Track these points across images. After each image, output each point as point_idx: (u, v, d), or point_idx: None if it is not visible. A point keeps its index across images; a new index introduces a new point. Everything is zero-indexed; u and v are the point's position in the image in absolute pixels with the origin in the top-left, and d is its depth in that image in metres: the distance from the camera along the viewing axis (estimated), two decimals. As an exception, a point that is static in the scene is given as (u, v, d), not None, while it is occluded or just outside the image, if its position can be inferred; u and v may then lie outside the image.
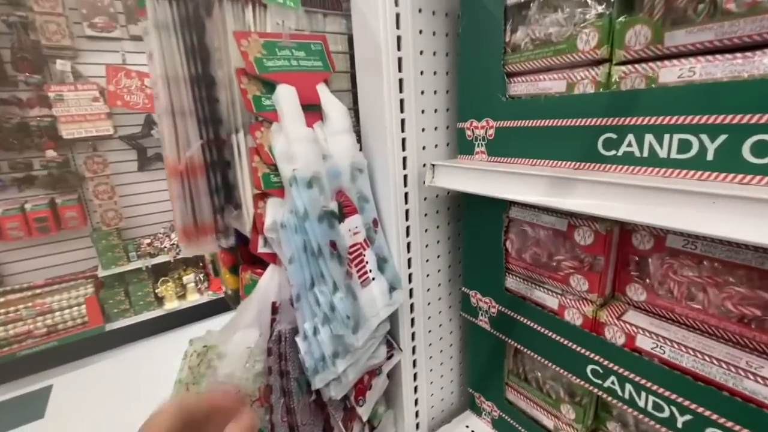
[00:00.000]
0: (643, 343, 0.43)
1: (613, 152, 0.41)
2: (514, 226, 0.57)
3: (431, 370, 0.75)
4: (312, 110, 0.56)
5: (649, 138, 0.38)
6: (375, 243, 0.60)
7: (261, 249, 0.52)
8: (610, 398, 0.48)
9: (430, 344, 0.73)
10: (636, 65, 0.38)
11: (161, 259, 2.75)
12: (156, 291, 2.78)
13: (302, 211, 0.48)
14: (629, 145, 0.39)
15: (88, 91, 2.60)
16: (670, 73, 0.36)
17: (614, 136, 0.40)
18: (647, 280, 0.46)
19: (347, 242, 0.54)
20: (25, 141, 2.54)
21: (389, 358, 0.65)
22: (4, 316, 2.32)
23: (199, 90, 0.50)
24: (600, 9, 0.41)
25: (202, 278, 2.95)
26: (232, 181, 0.55)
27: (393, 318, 0.66)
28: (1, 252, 2.56)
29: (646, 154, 0.38)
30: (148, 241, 2.80)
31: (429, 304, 0.71)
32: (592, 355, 0.48)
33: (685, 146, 0.35)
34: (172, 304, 2.77)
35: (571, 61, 0.44)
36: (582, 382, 0.50)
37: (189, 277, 2.87)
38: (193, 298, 2.86)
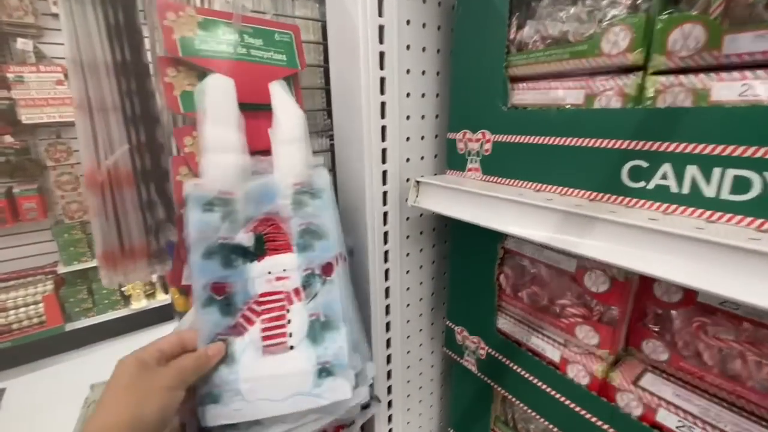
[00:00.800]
0: (666, 419, 0.35)
1: (641, 184, 0.32)
2: (510, 260, 0.48)
3: (408, 409, 0.66)
4: (266, 111, 0.46)
5: (692, 170, 0.29)
6: (316, 298, 0.44)
7: (186, 281, 0.41)
8: (618, 474, 0.40)
9: (408, 381, 0.65)
10: (680, 76, 0.30)
11: (129, 255, 2.58)
12: (122, 289, 2.61)
13: (189, 240, 0.38)
14: (664, 177, 0.31)
15: (52, 73, 2.41)
16: (729, 90, 0.28)
17: (645, 164, 0.32)
18: (669, 337, 0.38)
19: (257, 288, 0.42)
20: (-20, 124, 2.34)
21: (364, 408, 0.56)
22: (-49, 314, 2.13)
23: (127, 80, 0.40)
24: (635, 1, 0.32)
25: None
26: (171, 194, 0.45)
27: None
28: (-52, 244, 2.36)
29: (686, 190, 0.30)
30: (116, 235, 2.62)
31: (408, 337, 0.62)
32: (599, 423, 0.40)
33: (742, 185, 0.27)
34: (139, 303, 2.62)
35: (592, 67, 0.35)
36: (585, 451, 0.42)
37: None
38: (163, 297, 2.71)
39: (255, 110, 0.44)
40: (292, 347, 0.42)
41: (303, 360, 0.41)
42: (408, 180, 0.54)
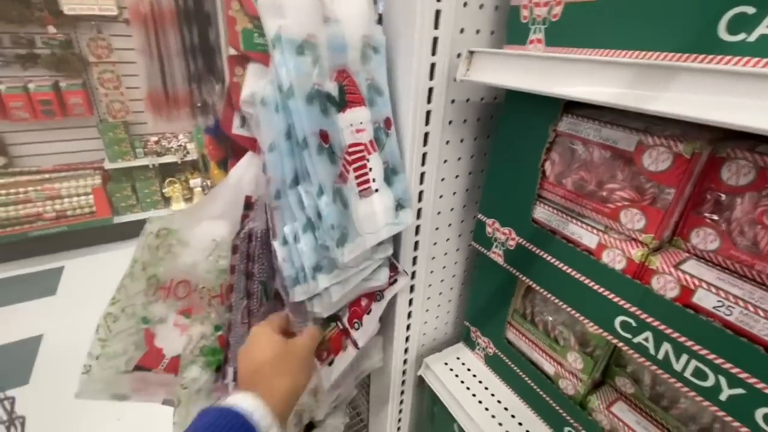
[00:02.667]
0: (705, 300, 0.34)
1: (741, 36, 0.28)
2: (560, 144, 0.46)
3: (428, 298, 0.69)
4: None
5: (814, 10, 0.25)
6: (384, 148, 0.50)
7: (236, 130, 0.42)
8: (636, 355, 0.40)
9: (431, 271, 0.67)
10: None
11: (168, 159, 2.70)
12: (163, 191, 2.77)
13: (287, 85, 0.36)
14: (774, 23, 0.27)
15: (90, -39, 2.33)
16: None
17: (750, 10, 0.27)
18: (725, 226, 0.36)
19: (346, 139, 0.44)
20: (25, 13, 2.35)
21: (392, 283, 0.59)
22: (14, 197, 2.35)
23: None
24: None
25: (209, 183, 2.92)
26: (213, 42, 0.43)
27: (395, 239, 0.58)
28: (7, 132, 2.51)
29: (799, 36, 0.26)
30: (155, 139, 2.72)
31: (437, 229, 0.63)
32: (627, 306, 0.40)
33: None
34: (178, 206, 2.78)
35: None
36: (605, 333, 0.43)
37: (196, 181, 2.84)
38: (200, 203, 2.86)
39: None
40: (376, 190, 0.48)
41: (386, 199, 0.49)
42: (459, 55, 0.50)
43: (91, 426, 1.48)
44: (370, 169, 0.47)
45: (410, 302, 0.66)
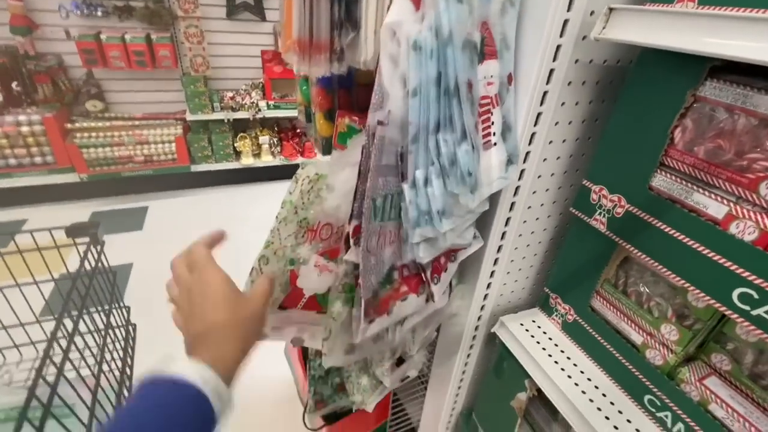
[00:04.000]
0: None
1: None
2: (696, 110, 0.44)
3: (512, 261, 0.71)
4: None
5: None
6: (504, 103, 0.51)
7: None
8: (752, 327, 0.40)
9: (519, 235, 0.68)
10: None
11: (241, 115, 2.84)
12: (235, 145, 2.94)
13: (446, 31, 0.38)
14: None
15: None
16: None
17: None
18: None
19: (479, 91, 0.45)
20: (124, -34, 2.51)
21: (466, 247, 0.61)
22: (110, 139, 2.61)
23: None
24: None
25: (275, 142, 3.06)
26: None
27: (491, 198, 0.59)
28: (105, 80, 2.76)
29: None
30: (231, 94, 2.87)
31: (534, 192, 0.63)
32: (751, 278, 0.40)
33: None
34: (247, 160, 2.95)
35: None
36: (718, 305, 0.43)
37: (264, 138, 2.98)
38: (267, 159, 3.02)
39: None
40: (495, 144, 0.50)
41: (501, 153, 0.51)
42: (592, 13, 0.49)
43: (177, 343, 1.70)
44: (492, 123, 0.48)
45: (495, 261, 0.69)
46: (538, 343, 0.68)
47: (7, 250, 0.89)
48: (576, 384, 0.61)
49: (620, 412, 0.58)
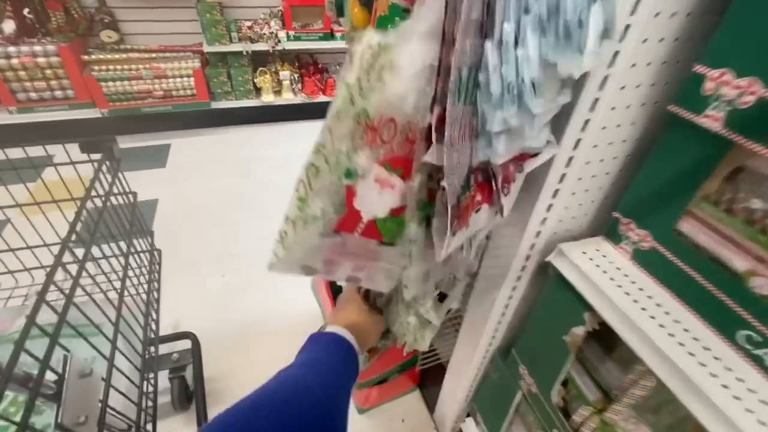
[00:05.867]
0: None
1: None
2: None
3: (579, 178, 0.61)
4: None
5: None
6: None
7: None
8: None
9: (594, 146, 0.57)
10: None
11: (260, 46, 2.67)
12: (254, 80, 2.80)
13: None
14: None
15: None
16: None
17: None
18: None
19: None
20: None
21: (536, 155, 0.50)
22: (128, 72, 2.52)
23: None
24: None
25: (296, 78, 2.90)
26: None
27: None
28: (118, 8, 2.61)
29: None
30: (249, 24, 2.68)
31: (623, 88, 0.51)
32: None
33: None
34: (268, 97, 2.82)
35: None
36: None
37: (285, 74, 2.82)
38: (288, 97, 2.88)
39: None
40: (594, 1, 0.36)
41: (598, 18, 0.36)
42: None
43: (199, 278, 1.71)
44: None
45: (561, 178, 0.58)
46: (604, 272, 0.59)
47: (35, 185, 0.86)
48: (652, 317, 0.53)
49: (707, 348, 0.50)
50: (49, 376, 0.44)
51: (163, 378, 1.15)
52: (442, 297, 0.64)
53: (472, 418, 1.08)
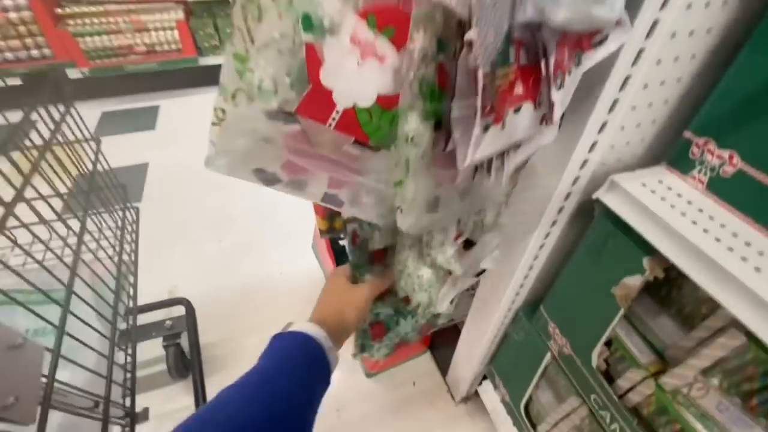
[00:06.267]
0: None
1: None
2: None
3: (645, 86, 0.46)
4: None
5: None
6: None
7: None
8: None
9: (673, 35, 0.42)
10: None
11: (248, -8, 2.43)
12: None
13: None
14: None
15: None
16: None
17: None
18: None
19: None
20: None
21: (603, 40, 0.36)
22: (106, 26, 2.32)
23: None
24: None
25: (290, 28, 2.67)
26: None
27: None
28: (90, -48, 2.36)
29: None
30: (234, -34, 2.42)
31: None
32: None
33: None
34: (260, 51, 2.61)
35: None
36: None
37: (277, 23, 2.59)
38: (281, 50, 2.67)
39: None
40: None
41: None
42: None
43: (195, 243, 1.61)
44: None
45: (623, 83, 0.44)
46: (672, 207, 0.47)
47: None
48: (743, 258, 0.41)
49: (823, 295, 0.38)
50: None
51: (158, 347, 1.07)
52: (468, 243, 0.52)
53: (489, 381, 1.00)
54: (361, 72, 0.30)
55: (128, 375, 0.63)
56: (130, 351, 0.65)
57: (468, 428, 1.09)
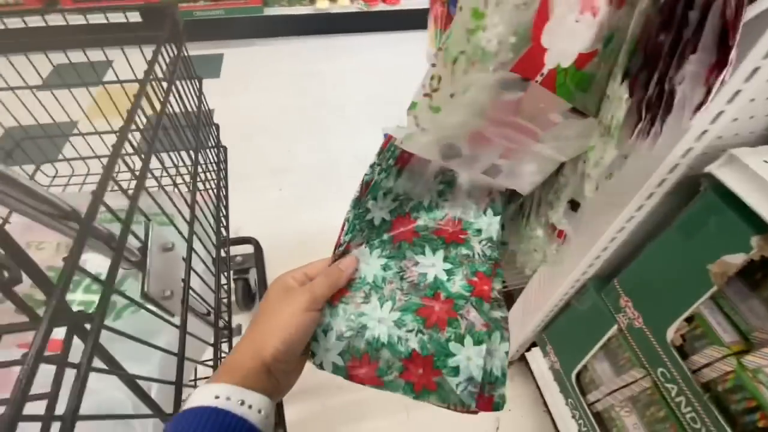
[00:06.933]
0: None
1: None
2: None
3: (791, 55, 0.43)
4: None
5: None
6: None
7: None
8: None
9: None
10: None
11: (317, -60, 2.37)
12: (309, -16, 2.55)
13: None
14: None
15: None
16: None
17: None
18: None
19: None
20: None
21: None
22: (180, -30, 2.34)
23: None
24: None
25: (355, -21, 2.60)
26: None
27: None
28: None
29: None
30: None
31: None
32: None
33: None
34: (323, 4, 2.58)
35: None
36: None
37: (341, -25, 2.53)
38: (343, 4, 2.62)
39: None
40: None
41: None
42: None
43: (257, 189, 1.69)
44: None
45: (771, 49, 0.41)
46: (800, 185, 0.45)
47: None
48: None
49: None
50: (133, 242, 0.40)
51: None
52: (575, 205, 0.52)
53: (539, 348, 1.03)
54: (574, 28, 0.29)
55: (225, 296, 0.70)
56: (226, 276, 0.72)
57: (511, 392, 1.14)
